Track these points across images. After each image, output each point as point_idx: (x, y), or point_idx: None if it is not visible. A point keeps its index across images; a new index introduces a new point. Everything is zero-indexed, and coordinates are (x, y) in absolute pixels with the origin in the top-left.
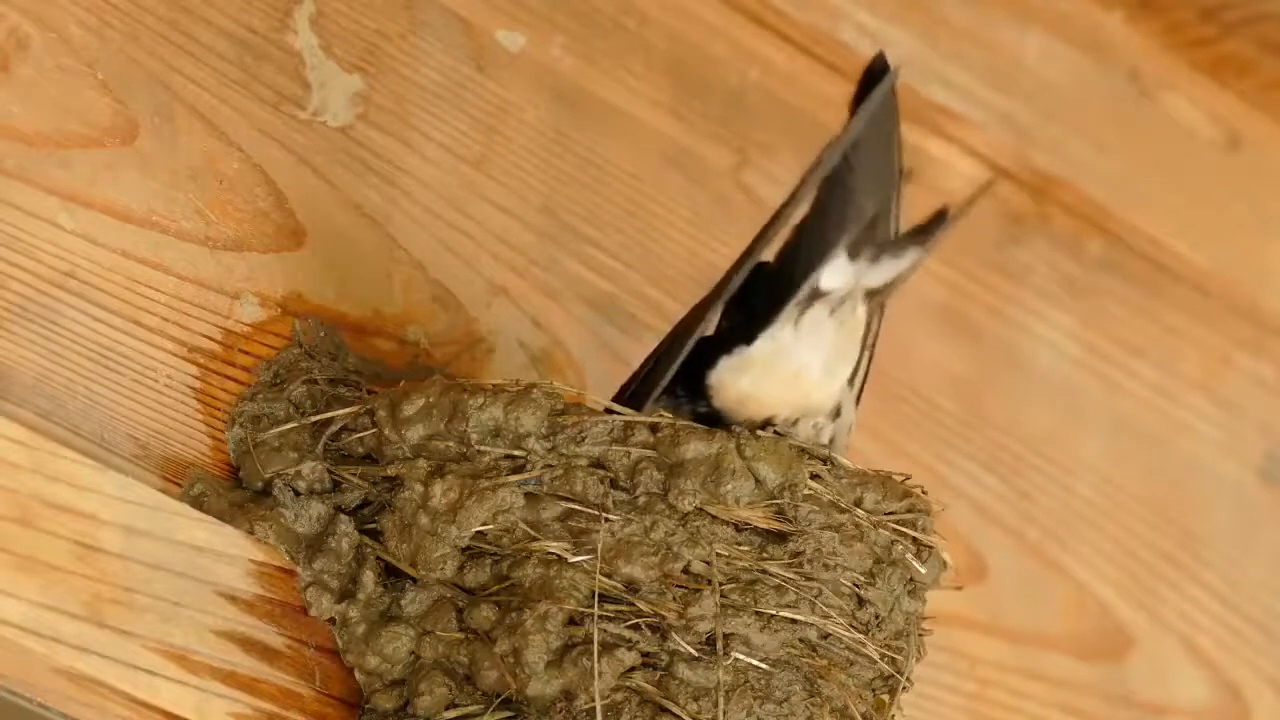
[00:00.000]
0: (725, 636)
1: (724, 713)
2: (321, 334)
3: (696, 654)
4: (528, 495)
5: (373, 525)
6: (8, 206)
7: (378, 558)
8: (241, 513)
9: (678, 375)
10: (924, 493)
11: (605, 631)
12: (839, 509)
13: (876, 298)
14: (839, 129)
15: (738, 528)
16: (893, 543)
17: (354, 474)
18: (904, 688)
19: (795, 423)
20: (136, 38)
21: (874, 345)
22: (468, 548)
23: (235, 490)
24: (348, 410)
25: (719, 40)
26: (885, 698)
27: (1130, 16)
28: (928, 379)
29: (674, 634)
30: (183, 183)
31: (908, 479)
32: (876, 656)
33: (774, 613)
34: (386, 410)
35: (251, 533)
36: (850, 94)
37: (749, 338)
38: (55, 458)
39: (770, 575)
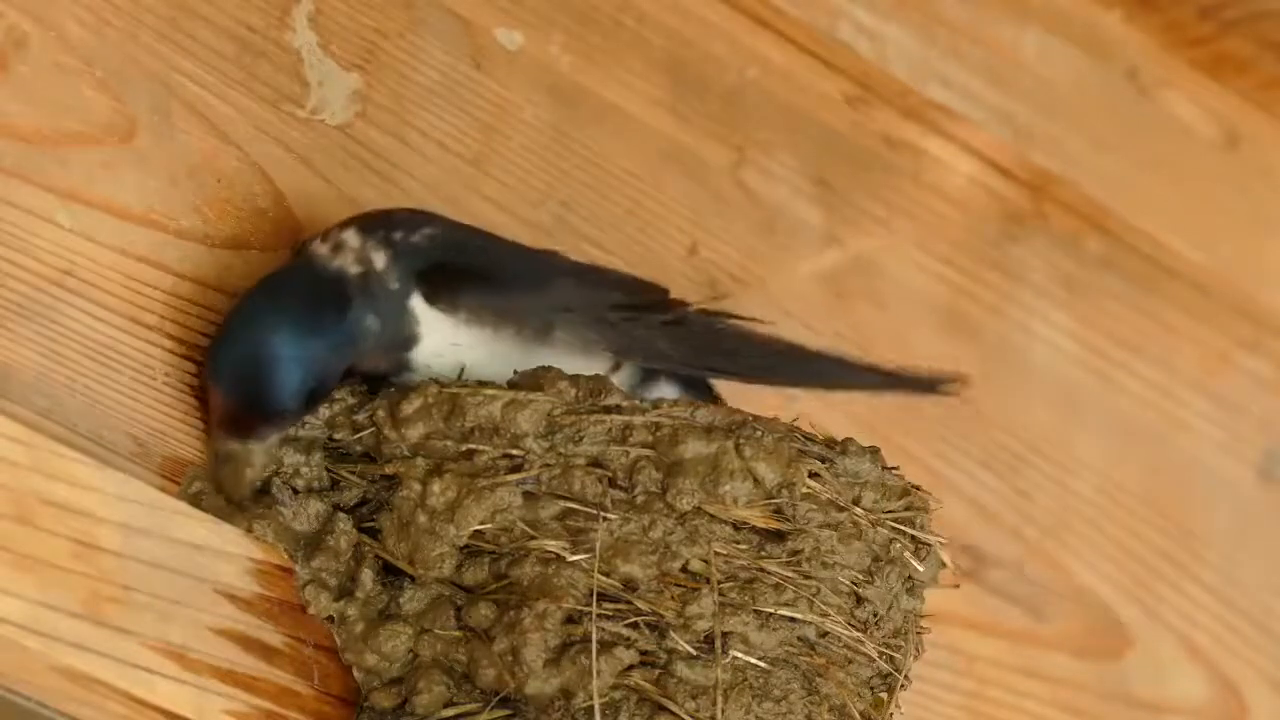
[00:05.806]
0: (723, 635)
1: (722, 711)
2: None
3: (695, 652)
4: (526, 494)
5: (371, 523)
6: (6, 205)
7: (376, 556)
8: (240, 511)
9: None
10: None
11: (603, 630)
12: (837, 507)
13: None
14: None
15: (736, 526)
16: (891, 541)
17: (352, 472)
18: (902, 686)
19: None
20: (135, 36)
21: None
22: (466, 546)
23: None
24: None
25: (718, 38)
26: (883, 696)
27: (1129, 14)
28: None
29: (672, 632)
30: (181, 181)
31: (897, 468)
32: (875, 655)
33: (772, 611)
34: (385, 409)
35: (250, 531)
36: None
37: None
38: (54, 456)
39: (768, 574)
